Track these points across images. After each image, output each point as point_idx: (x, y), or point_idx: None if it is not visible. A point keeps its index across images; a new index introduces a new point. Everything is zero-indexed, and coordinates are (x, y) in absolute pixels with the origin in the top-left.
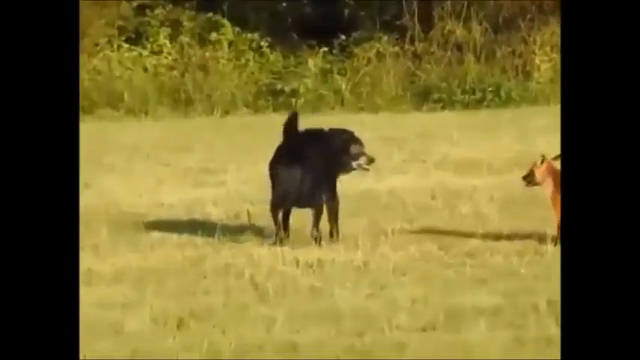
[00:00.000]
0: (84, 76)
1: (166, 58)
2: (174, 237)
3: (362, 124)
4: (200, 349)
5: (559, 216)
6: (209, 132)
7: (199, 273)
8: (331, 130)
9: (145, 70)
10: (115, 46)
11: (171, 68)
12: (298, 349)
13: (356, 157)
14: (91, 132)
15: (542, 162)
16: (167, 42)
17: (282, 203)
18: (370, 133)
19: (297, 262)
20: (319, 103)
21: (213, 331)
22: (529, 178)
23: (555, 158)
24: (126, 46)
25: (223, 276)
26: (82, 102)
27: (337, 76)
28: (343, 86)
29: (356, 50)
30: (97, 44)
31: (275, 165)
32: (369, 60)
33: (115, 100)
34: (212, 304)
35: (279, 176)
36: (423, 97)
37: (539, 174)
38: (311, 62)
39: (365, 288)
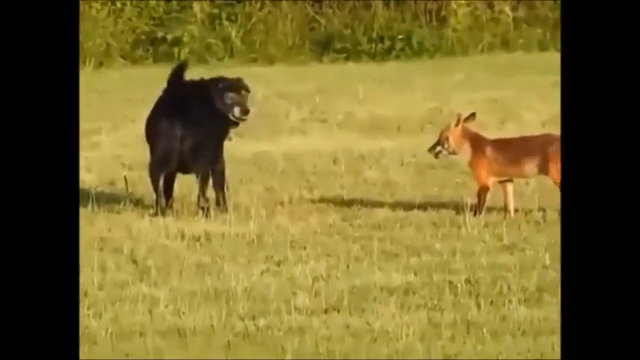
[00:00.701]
0: None
1: None
2: None
3: (254, 78)
4: None
5: (481, 182)
6: (80, 86)
7: None
8: (214, 79)
9: None
10: None
11: None
12: (184, 334)
13: (230, 108)
14: None
15: (456, 124)
16: None
17: (161, 167)
18: (264, 88)
19: (182, 236)
20: (206, 53)
21: (87, 313)
22: (439, 147)
23: (468, 119)
24: None
25: (98, 251)
26: None
27: (226, 23)
28: (233, 34)
29: None
30: None
31: (152, 123)
32: (263, 4)
33: None
34: (85, 284)
35: (158, 136)
36: (324, 47)
37: (454, 139)
38: (196, 6)
39: (259, 264)
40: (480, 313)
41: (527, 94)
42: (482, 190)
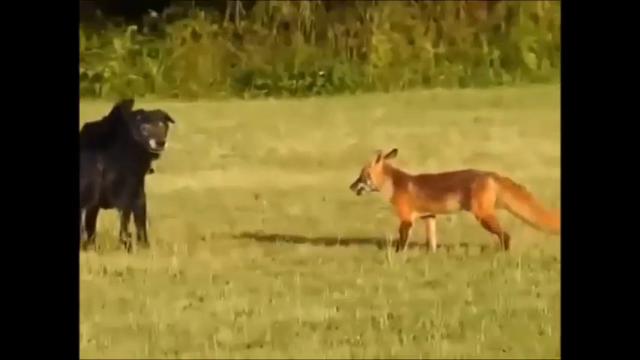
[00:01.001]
0: None
1: None
2: None
3: (176, 113)
4: None
5: (403, 218)
6: None
7: None
8: (134, 111)
9: None
10: None
11: None
12: None
13: (146, 139)
14: None
15: (377, 160)
16: None
17: (83, 202)
18: (185, 124)
19: (105, 271)
20: (127, 89)
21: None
22: (361, 184)
23: (388, 156)
24: None
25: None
26: None
27: (147, 59)
28: (154, 70)
29: (169, 29)
30: None
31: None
32: (184, 40)
33: None
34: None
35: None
36: (245, 83)
37: (375, 176)
38: (117, 43)
39: (181, 299)
40: (402, 348)
41: (447, 130)
42: (405, 226)
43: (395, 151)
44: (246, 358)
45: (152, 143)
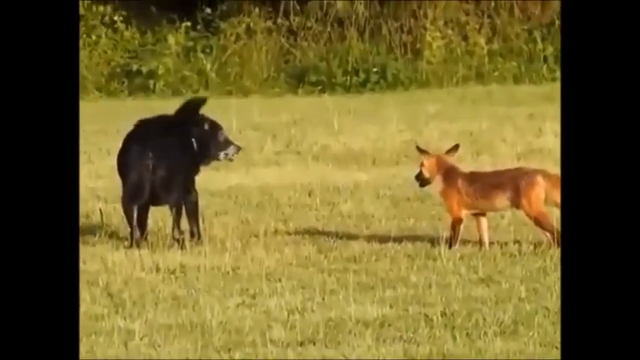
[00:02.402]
0: None
1: None
2: None
3: (230, 110)
4: None
5: (453, 214)
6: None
7: None
8: (184, 113)
9: None
10: None
11: None
12: None
13: (224, 147)
14: None
15: (430, 157)
16: None
17: (134, 199)
18: (239, 120)
19: (158, 268)
20: (181, 85)
21: None
22: (421, 177)
23: (449, 152)
24: None
25: None
26: None
27: (201, 55)
28: (208, 66)
29: (223, 25)
30: None
31: (123, 154)
32: (238, 36)
33: None
34: None
35: (129, 167)
36: (299, 79)
37: (427, 170)
38: (171, 39)
39: (235, 296)
40: (455, 345)
41: (501, 127)
42: (456, 222)
43: (456, 146)
44: (299, 356)
45: (230, 151)
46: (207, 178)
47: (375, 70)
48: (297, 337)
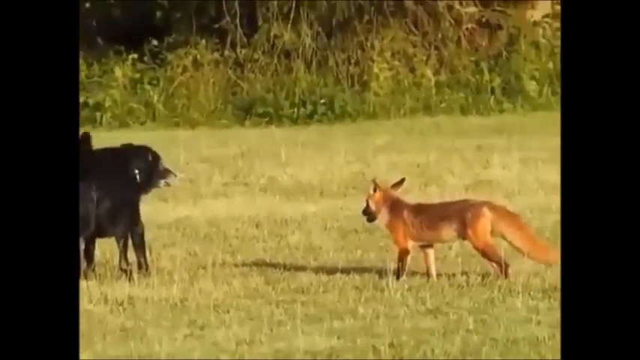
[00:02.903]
0: None
1: None
2: None
3: (177, 141)
4: None
5: (400, 245)
6: None
7: None
8: (124, 145)
9: None
10: None
11: None
12: None
13: (164, 175)
14: None
15: (374, 189)
16: None
17: (80, 230)
18: (187, 152)
19: (106, 300)
20: (128, 117)
21: None
22: (368, 211)
23: (395, 186)
24: None
25: None
26: None
27: (148, 87)
28: (155, 98)
29: (170, 57)
30: None
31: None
32: (185, 68)
33: None
34: None
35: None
36: (246, 111)
37: (373, 203)
38: (118, 71)
39: (183, 328)
40: None
41: (449, 158)
42: (403, 254)
43: (402, 180)
44: None
45: (170, 180)
46: (155, 210)
47: (322, 101)
48: None
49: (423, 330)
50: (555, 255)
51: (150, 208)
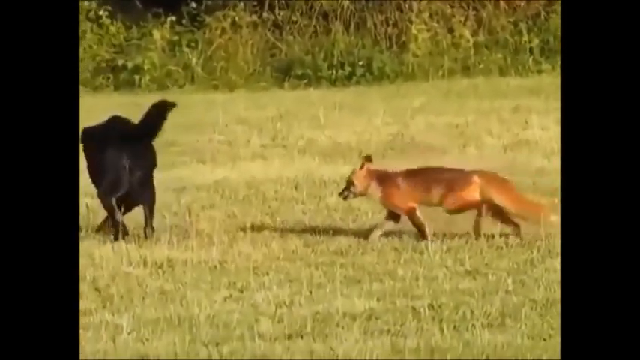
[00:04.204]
0: None
1: None
2: None
3: (215, 104)
4: None
5: (404, 208)
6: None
7: None
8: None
9: None
10: None
11: None
12: None
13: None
14: None
15: (361, 167)
16: None
17: (112, 192)
18: (225, 115)
19: (145, 262)
20: (166, 80)
21: None
22: (346, 192)
23: (367, 161)
24: None
25: None
26: None
27: (187, 50)
28: (194, 61)
29: (208, 19)
30: None
31: (99, 155)
32: (223, 30)
33: None
34: None
35: (105, 166)
36: (285, 73)
37: (359, 181)
38: (156, 34)
39: (222, 290)
40: (443, 338)
41: (487, 119)
42: (410, 213)
43: (369, 157)
44: (286, 350)
45: None
46: (194, 173)
47: (360, 63)
48: (285, 331)
49: (462, 291)
50: (547, 214)
51: (188, 170)
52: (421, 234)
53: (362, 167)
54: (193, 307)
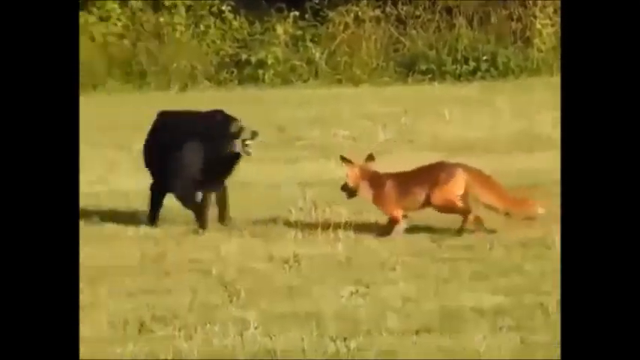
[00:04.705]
0: None
1: (116, 25)
2: (130, 230)
3: (339, 99)
4: (164, 356)
5: (391, 214)
6: (165, 109)
7: (160, 270)
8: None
9: (92, 39)
10: None
11: (122, 36)
12: (275, 356)
13: (237, 135)
14: None
15: (352, 166)
16: (116, 6)
17: (197, 187)
18: (349, 109)
19: (271, 258)
20: (290, 74)
21: (177, 335)
22: (346, 188)
23: (368, 160)
24: None
25: (187, 273)
26: None
27: (310, 44)
28: (317, 55)
29: (331, 14)
30: None
31: (179, 148)
32: (347, 25)
33: None
34: (175, 305)
35: (181, 159)
36: (409, 68)
37: (352, 180)
38: (280, 28)
39: (349, 286)
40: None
41: None
42: (393, 222)
43: (371, 155)
44: (414, 345)
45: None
46: (320, 168)
47: (484, 58)
48: (413, 326)
49: None
50: (533, 208)
51: (313, 165)
52: (383, 234)
53: (353, 166)
54: (320, 303)
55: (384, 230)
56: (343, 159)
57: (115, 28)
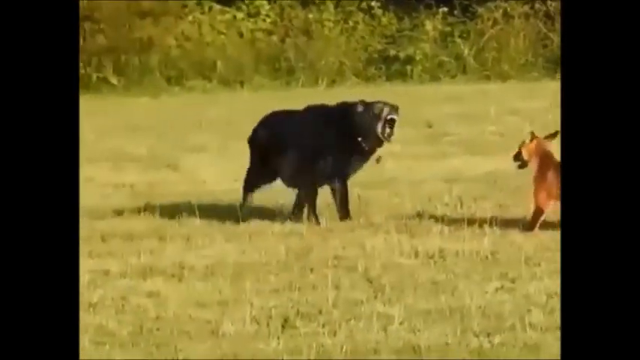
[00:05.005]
0: (171, 42)
1: (264, 21)
2: (275, 226)
3: (487, 94)
4: (308, 352)
5: (538, 203)
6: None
7: (305, 266)
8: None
9: (241, 35)
10: (206, 8)
11: (270, 33)
12: (419, 352)
13: (379, 116)
14: (178, 106)
15: (531, 140)
16: (265, 3)
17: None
18: (497, 105)
19: (416, 253)
20: (438, 70)
21: (322, 331)
22: (516, 160)
23: (549, 137)
24: (218, 7)
25: (332, 269)
26: (169, 72)
27: (459, 40)
28: (466, 51)
29: (480, 10)
30: (185, 6)
31: (308, 142)
32: (495, 21)
33: (207, 69)
34: (319, 301)
35: (314, 150)
36: (557, 64)
37: (525, 152)
38: (429, 24)
39: (494, 281)
40: None
41: None
42: (538, 212)
43: (556, 133)
44: (556, 340)
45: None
46: (465, 164)
47: None
48: (557, 322)
49: None
50: None
51: (460, 161)
52: (527, 227)
53: (531, 140)
54: (465, 298)
55: (529, 225)
56: (532, 134)
57: (264, 25)
